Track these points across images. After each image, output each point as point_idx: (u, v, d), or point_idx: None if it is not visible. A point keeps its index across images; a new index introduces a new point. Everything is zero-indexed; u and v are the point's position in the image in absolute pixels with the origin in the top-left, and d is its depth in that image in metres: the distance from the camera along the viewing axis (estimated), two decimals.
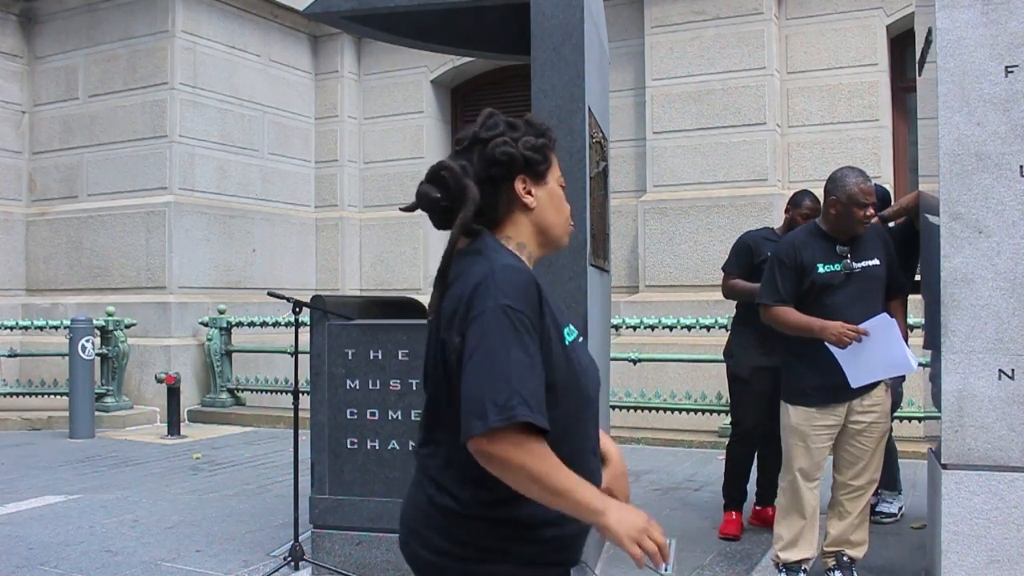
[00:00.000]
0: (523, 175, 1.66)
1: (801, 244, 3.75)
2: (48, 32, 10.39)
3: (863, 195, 3.60)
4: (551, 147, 1.72)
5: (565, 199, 1.74)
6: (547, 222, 1.69)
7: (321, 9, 4.29)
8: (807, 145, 8.91)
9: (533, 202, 1.67)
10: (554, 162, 1.73)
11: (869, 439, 3.70)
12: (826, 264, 3.67)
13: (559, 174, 1.74)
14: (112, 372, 9.08)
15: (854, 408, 3.69)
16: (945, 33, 3.24)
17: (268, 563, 4.24)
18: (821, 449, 3.73)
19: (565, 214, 1.73)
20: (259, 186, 10.62)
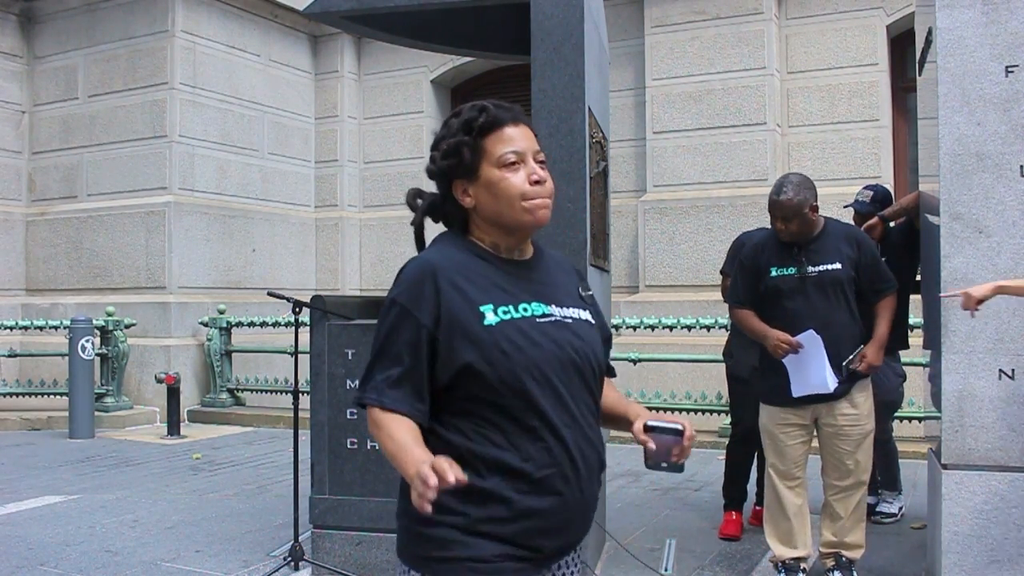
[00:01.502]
0: (458, 180, 1.67)
1: (760, 247, 3.82)
2: (48, 32, 10.39)
3: (771, 207, 3.67)
4: (480, 131, 1.65)
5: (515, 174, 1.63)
6: (491, 214, 1.66)
7: (321, 9, 4.29)
8: (807, 145, 8.91)
9: (471, 202, 1.67)
10: (487, 147, 1.64)
11: (846, 442, 3.67)
12: (779, 268, 3.70)
13: (503, 150, 1.64)
14: (112, 372, 9.07)
15: (821, 411, 3.69)
16: (945, 33, 3.24)
17: (268, 563, 4.23)
18: (793, 447, 3.74)
19: (511, 195, 1.63)
20: (259, 186, 10.61)
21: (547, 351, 1.60)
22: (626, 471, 6.12)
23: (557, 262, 1.81)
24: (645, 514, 5.18)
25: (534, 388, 1.57)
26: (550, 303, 1.66)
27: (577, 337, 1.65)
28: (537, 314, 1.63)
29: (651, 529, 4.85)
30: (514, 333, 1.58)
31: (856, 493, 3.73)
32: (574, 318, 1.68)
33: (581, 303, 1.74)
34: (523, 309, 1.62)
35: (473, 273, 1.64)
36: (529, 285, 1.68)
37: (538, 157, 1.67)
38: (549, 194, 1.67)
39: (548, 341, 1.61)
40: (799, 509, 3.76)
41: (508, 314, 1.60)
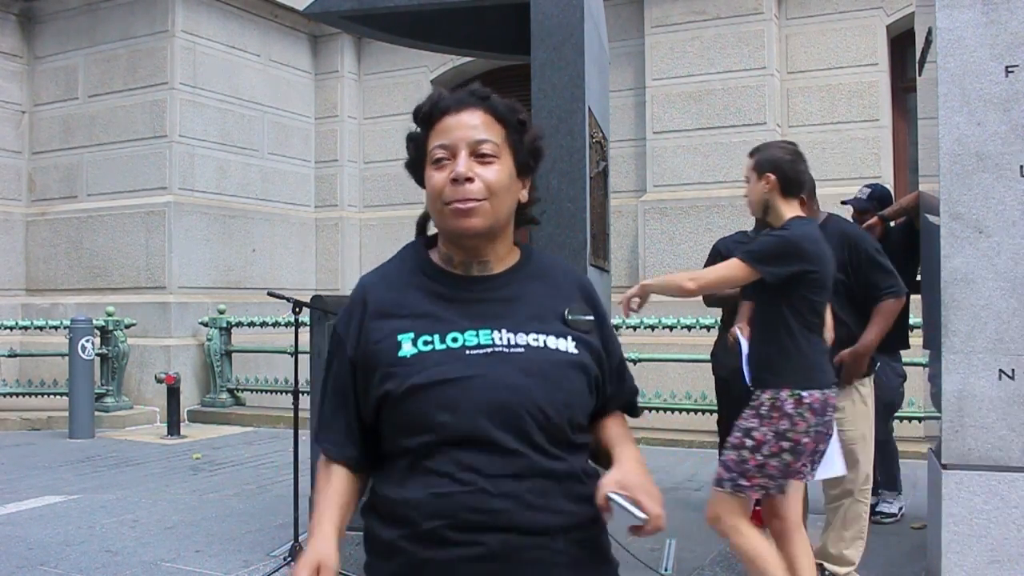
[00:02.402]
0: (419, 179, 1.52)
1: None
2: (48, 32, 10.39)
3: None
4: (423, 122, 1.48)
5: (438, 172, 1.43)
6: (432, 217, 1.50)
7: (321, 9, 4.29)
8: (807, 145, 8.82)
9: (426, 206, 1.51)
10: (430, 138, 1.46)
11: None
12: None
13: (433, 144, 1.45)
14: (112, 372, 9.07)
15: None
16: (945, 33, 3.24)
17: (268, 563, 4.23)
18: None
19: (431, 197, 1.45)
20: (259, 186, 10.61)
21: (468, 388, 1.37)
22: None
23: (547, 276, 1.54)
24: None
25: (446, 430, 1.37)
26: (498, 328, 1.42)
27: (522, 373, 1.39)
28: (469, 344, 1.40)
29: None
30: (431, 367, 1.38)
31: (843, 503, 3.60)
32: (528, 346, 1.42)
33: (559, 329, 1.46)
34: (451, 339, 1.40)
35: (409, 295, 1.46)
36: (476, 307, 1.45)
37: (479, 148, 1.42)
38: (474, 194, 1.40)
39: (472, 377, 1.38)
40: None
41: (430, 345, 1.40)
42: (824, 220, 3.69)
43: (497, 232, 1.47)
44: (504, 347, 1.41)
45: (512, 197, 1.47)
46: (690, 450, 7.23)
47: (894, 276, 3.69)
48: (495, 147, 1.44)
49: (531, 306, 1.48)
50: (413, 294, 1.47)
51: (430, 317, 1.43)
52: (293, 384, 4.28)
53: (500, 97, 1.49)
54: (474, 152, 1.42)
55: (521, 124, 1.48)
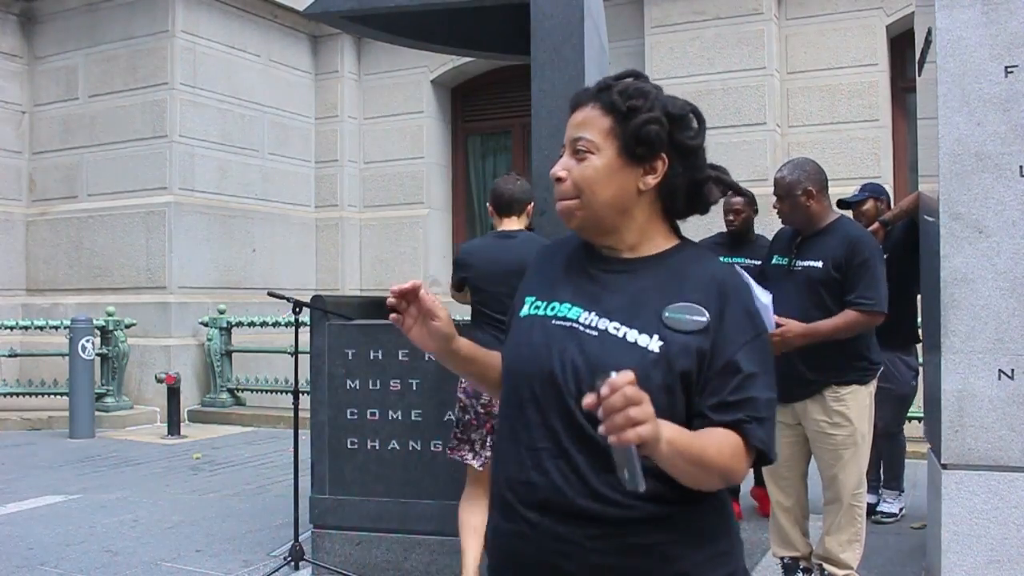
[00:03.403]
0: None
1: (777, 235, 3.88)
2: (48, 32, 10.39)
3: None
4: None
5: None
6: None
7: (321, 9, 4.30)
8: (807, 145, 8.91)
9: None
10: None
11: (822, 451, 3.57)
12: (778, 257, 3.72)
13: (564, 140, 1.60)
14: (112, 372, 9.07)
15: (799, 411, 3.60)
16: (945, 33, 3.24)
17: (268, 563, 4.24)
18: (783, 444, 3.64)
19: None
20: (259, 186, 10.61)
21: (532, 353, 1.44)
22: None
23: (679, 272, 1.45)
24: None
25: (512, 390, 1.47)
26: (591, 309, 1.43)
27: (581, 351, 1.39)
28: (559, 315, 1.45)
29: None
30: (526, 329, 1.49)
31: (839, 508, 3.55)
32: (605, 332, 1.40)
33: (649, 324, 1.39)
34: (551, 308, 1.47)
35: (560, 263, 1.55)
36: (587, 285, 1.47)
37: (577, 146, 1.45)
38: (565, 193, 1.46)
39: (541, 343, 1.44)
40: (787, 510, 3.70)
41: (537, 309, 1.49)
42: (833, 221, 3.64)
43: (601, 223, 1.47)
44: (583, 327, 1.42)
45: (616, 187, 1.44)
46: None
47: (876, 291, 3.48)
48: (588, 143, 1.44)
49: (634, 296, 1.43)
50: (557, 263, 1.55)
51: (553, 285, 1.51)
52: (293, 384, 4.28)
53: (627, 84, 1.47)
54: (573, 150, 1.46)
55: (630, 111, 1.43)
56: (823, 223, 3.62)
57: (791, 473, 3.71)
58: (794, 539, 3.72)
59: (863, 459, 3.57)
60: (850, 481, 3.52)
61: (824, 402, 3.52)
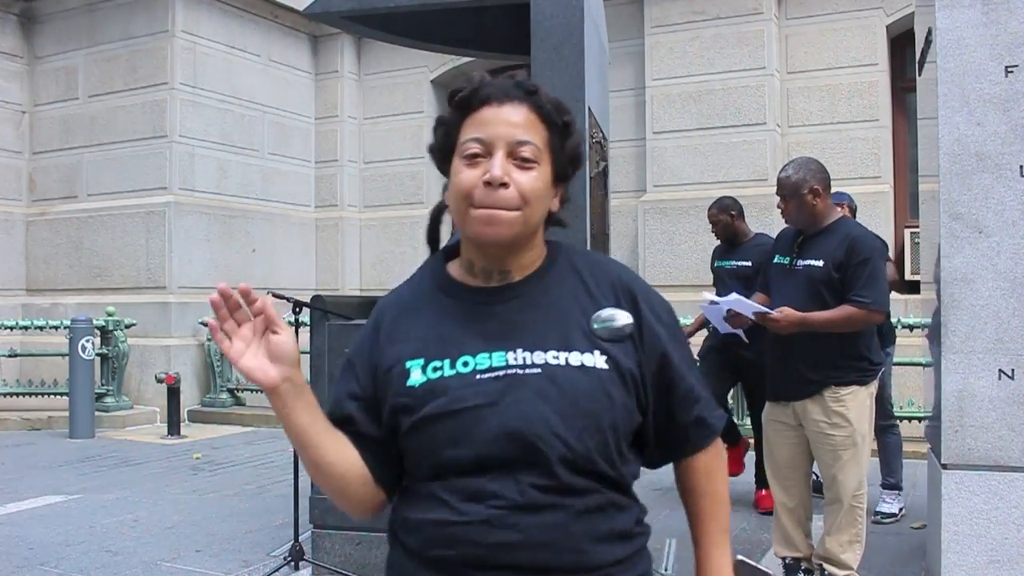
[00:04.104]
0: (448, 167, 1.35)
1: (780, 234, 3.89)
2: (48, 32, 10.39)
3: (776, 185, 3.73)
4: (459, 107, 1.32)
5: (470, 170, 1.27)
6: (452, 216, 1.32)
7: (321, 9, 4.29)
8: (807, 145, 8.90)
9: (447, 198, 1.34)
10: (464, 127, 1.30)
11: (821, 451, 3.57)
12: (781, 256, 3.73)
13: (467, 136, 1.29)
14: (112, 372, 9.07)
15: (799, 410, 3.60)
16: (945, 33, 3.24)
17: (268, 563, 4.23)
18: (781, 445, 3.69)
19: (456, 196, 1.28)
20: (259, 186, 10.61)
21: (477, 419, 1.23)
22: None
23: (576, 277, 1.36)
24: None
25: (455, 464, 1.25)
26: (512, 348, 1.27)
27: (538, 398, 1.23)
28: (481, 368, 1.26)
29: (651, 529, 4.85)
30: (440, 396, 1.25)
31: (837, 511, 3.55)
32: (547, 365, 1.26)
33: (584, 342, 1.29)
34: (462, 363, 1.27)
35: (423, 316, 1.34)
36: (491, 324, 1.30)
37: (518, 152, 1.26)
38: (506, 202, 1.25)
39: (482, 406, 1.24)
40: (790, 510, 3.70)
41: (439, 371, 1.27)
42: (836, 221, 3.65)
43: (523, 243, 1.31)
44: (518, 368, 1.25)
45: (545, 206, 1.32)
46: None
47: (873, 290, 3.48)
48: (536, 151, 1.28)
49: (553, 316, 1.30)
50: (427, 315, 1.34)
51: (442, 340, 1.30)
52: None
53: (548, 93, 1.34)
54: (512, 154, 1.27)
55: (566, 127, 1.33)
56: (826, 222, 3.63)
57: (794, 474, 3.71)
58: (796, 540, 3.72)
59: (863, 460, 3.57)
60: (850, 482, 3.51)
61: (824, 403, 3.52)
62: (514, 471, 1.23)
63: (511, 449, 1.22)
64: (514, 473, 1.23)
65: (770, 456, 3.77)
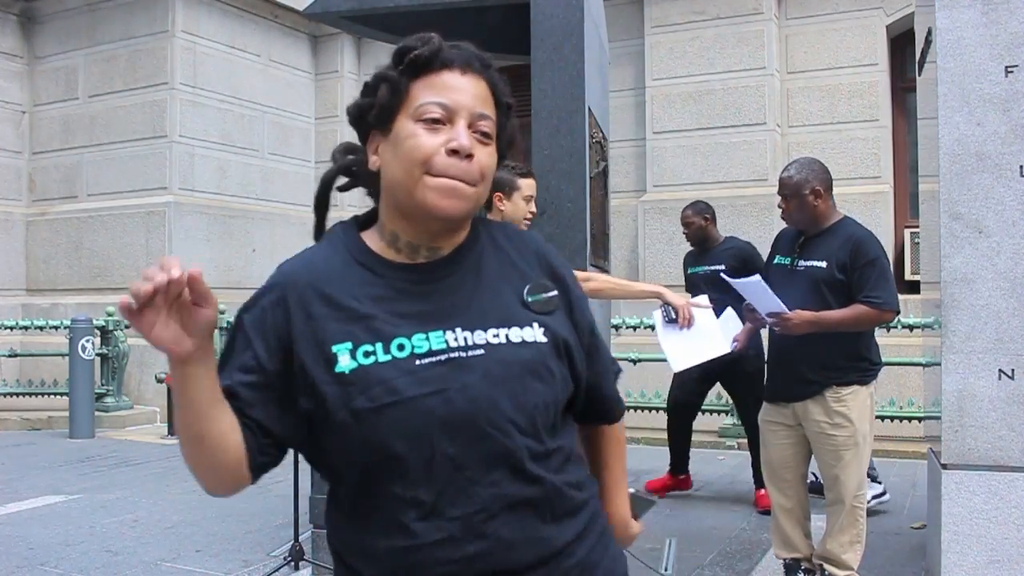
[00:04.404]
0: (373, 129, 1.25)
1: (780, 235, 3.89)
2: (48, 32, 10.39)
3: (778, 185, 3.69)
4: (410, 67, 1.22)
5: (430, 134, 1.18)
6: (389, 183, 1.22)
7: (321, 9, 4.30)
8: (807, 145, 8.90)
9: (375, 163, 1.24)
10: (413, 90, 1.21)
11: (822, 451, 3.57)
12: (781, 256, 3.72)
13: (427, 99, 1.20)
14: (112, 372, 9.07)
15: (799, 411, 3.60)
16: (945, 33, 3.24)
17: (268, 563, 4.23)
18: (778, 447, 3.69)
19: (411, 159, 1.18)
20: (259, 186, 10.61)
21: (421, 407, 1.14)
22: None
23: (501, 250, 1.30)
24: (644, 514, 5.18)
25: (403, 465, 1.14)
26: (451, 327, 1.19)
27: (486, 381, 1.17)
28: (420, 351, 1.17)
29: (651, 529, 4.85)
30: (375, 384, 1.14)
31: (839, 512, 3.54)
32: (488, 345, 1.19)
33: (521, 315, 1.24)
34: (397, 347, 1.16)
35: (342, 292, 1.20)
36: (423, 303, 1.21)
37: (480, 124, 1.21)
38: (470, 176, 1.19)
39: (426, 395, 1.15)
40: (788, 511, 3.70)
41: (371, 357, 1.16)
42: (838, 221, 3.64)
43: (467, 220, 1.26)
44: (460, 350, 1.18)
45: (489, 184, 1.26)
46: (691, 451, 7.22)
47: (885, 290, 3.49)
48: (492, 127, 1.23)
49: (486, 292, 1.24)
50: (348, 291, 1.21)
51: (369, 320, 1.18)
52: None
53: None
54: (472, 126, 1.20)
55: (509, 108, 1.28)
56: (827, 223, 3.62)
57: (791, 475, 3.71)
58: (796, 541, 3.72)
59: (864, 460, 3.57)
60: (851, 482, 3.51)
61: (825, 402, 3.51)
62: (468, 472, 1.15)
63: (464, 441, 1.14)
64: (469, 475, 1.15)
65: (767, 457, 3.77)
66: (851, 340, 3.54)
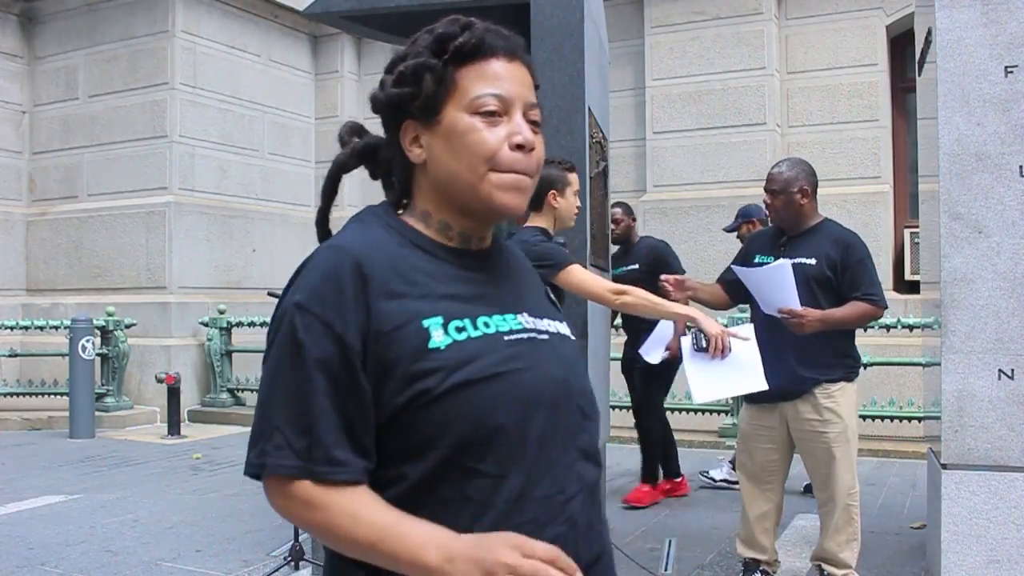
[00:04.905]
0: (411, 120, 1.19)
1: (757, 234, 3.97)
2: (48, 32, 10.39)
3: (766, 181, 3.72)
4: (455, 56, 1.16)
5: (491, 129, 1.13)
6: (444, 177, 1.16)
7: (321, 9, 4.30)
8: (807, 145, 8.91)
9: (420, 156, 1.18)
10: (461, 81, 1.15)
11: (813, 449, 3.58)
12: (763, 256, 3.72)
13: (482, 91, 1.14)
14: (112, 372, 9.07)
15: (787, 412, 3.61)
16: (945, 33, 3.24)
17: (268, 563, 4.23)
18: (762, 450, 3.69)
19: (476, 155, 1.13)
20: (259, 186, 10.62)
21: (519, 380, 1.11)
22: (626, 471, 6.11)
23: (515, 254, 1.31)
24: (644, 514, 5.18)
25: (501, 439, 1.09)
26: (519, 311, 1.18)
27: (560, 362, 1.18)
28: (503, 330, 1.14)
29: (650, 529, 4.85)
30: (473, 357, 1.10)
31: (834, 508, 3.55)
32: (549, 332, 1.20)
33: (555, 312, 1.27)
34: (483, 324, 1.13)
35: (411, 271, 1.14)
36: (488, 287, 1.19)
37: (531, 114, 1.17)
38: (532, 169, 1.16)
39: (519, 367, 1.12)
40: (762, 514, 3.70)
41: (464, 332, 1.11)
42: (821, 222, 3.67)
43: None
44: (535, 332, 1.17)
45: None
46: (690, 450, 7.22)
47: (878, 287, 3.58)
48: (540, 115, 1.19)
49: (527, 284, 1.26)
50: (416, 268, 1.15)
51: (450, 298, 1.14)
52: None
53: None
54: (527, 117, 1.16)
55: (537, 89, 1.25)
56: (810, 223, 3.66)
57: (773, 478, 3.73)
58: (764, 543, 3.74)
59: (854, 457, 3.60)
60: (844, 479, 3.53)
61: (815, 400, 3.53)
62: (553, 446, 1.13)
63: (551, 418, 1.13)
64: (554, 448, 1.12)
65: (749, 461, 3.76)
66: (839, 338, 3.58)
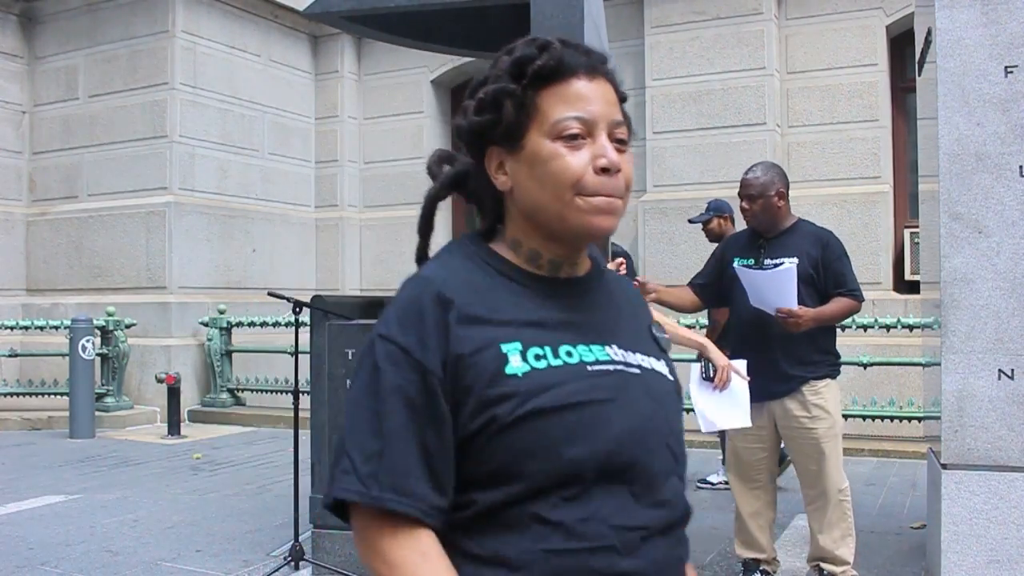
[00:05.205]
0: (495, 147, 1.15)
1: (733, 238, 4.02)
2: (48, 32, 10.39)
3: (740, 186, 3.80)
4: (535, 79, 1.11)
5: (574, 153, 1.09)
6: (530, 205, 1.13)
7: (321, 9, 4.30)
8: (807, 145, 8.91)
9: (505, 183, 1.15)
10: (542, 104, 1.11)
11: (802, 447, 3.60)
12: (741, 258, 3.75)
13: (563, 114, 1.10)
14: (112, 372, 9.08)
15: (775, 411, 3.63)
16: (945, 33, 3.24)
17: (268, 563, 4.24)
18: (749, 450, 3.71)
19: (560, 182, 1.09)
20: (259, 186, 10.62)
21: (601, 412, 1.08)
22: None
23: (619, 283, 1.26)
24: None
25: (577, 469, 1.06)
26: (609, 343, 1.14)
27: (649, 398, 1.13)
28: (587, 360, 1.10)
29: None
30: (552, 387, 1.06)
31: (825, 506, 3.56)
32: (642, 367, 1.15)
33: (654, 348, 1.21)
34: (566, 353, 1.09)
35: (493, 299, 1.12)
36: (576, 316, 1.15)
37: (617, 132, 1.12)
38: (620, 191, 1.12)
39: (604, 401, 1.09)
40: (754, 512, 3.72)
41: (543, 360, 1.08)
42: (796, 222, 3.74)
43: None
44: (624, 366, 1.13)
45: None
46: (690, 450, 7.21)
47: (857, 283, 3.67)
48: (626, 131, 1.14)
49: (625, 317, 1.20)
50: (500, 297, 1.13)
51: (532, 326, 1.11)
52: (293, 384, 4.28)
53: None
54: (612, 136, 1.12)
55: (624, 101, 1.18)
56: (786, 224, 3.73)
57: (762, 476, 3.76)
58: (762, 542, 3.75)
59: (841, 452, 3.64)
60: (834, 475, 3.56)
61: (802, 397, 3.57)
62: (636, 481, 1.09)
63: (635, 454, 1.09)
64: (636, 484, 1.09)
65: (738, 461, 3.78)
66: (822, 336, 3.64)
